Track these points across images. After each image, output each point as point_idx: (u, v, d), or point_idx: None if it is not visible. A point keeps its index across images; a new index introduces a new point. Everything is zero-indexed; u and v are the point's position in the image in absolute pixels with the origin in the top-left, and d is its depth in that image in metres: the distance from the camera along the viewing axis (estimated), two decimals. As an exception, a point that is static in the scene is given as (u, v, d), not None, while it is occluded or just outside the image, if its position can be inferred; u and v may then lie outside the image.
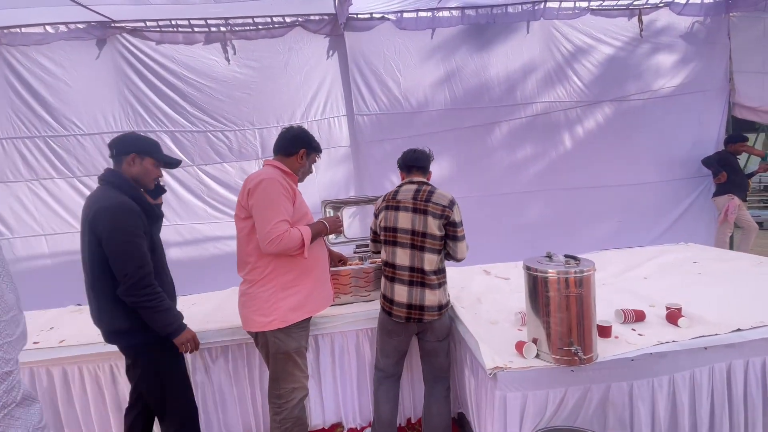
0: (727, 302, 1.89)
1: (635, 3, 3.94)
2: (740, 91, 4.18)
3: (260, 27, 3.55)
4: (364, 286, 2.26)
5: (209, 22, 3.49)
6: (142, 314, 1.55)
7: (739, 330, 1.58)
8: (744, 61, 4.14)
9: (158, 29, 3.45)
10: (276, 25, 3.57)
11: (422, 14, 3.68)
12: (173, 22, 3.45)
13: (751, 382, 1.56)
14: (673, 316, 1.72)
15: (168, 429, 1.71)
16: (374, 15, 3.65)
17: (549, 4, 3.77)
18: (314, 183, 3.66)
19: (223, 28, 3.51)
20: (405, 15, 3.66)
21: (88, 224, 1.53)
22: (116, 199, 1.55)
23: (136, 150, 1.67)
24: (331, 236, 2.56)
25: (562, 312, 1.43)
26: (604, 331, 1.62)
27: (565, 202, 4.06)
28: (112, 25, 3.39)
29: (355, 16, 3.62)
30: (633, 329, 1.70)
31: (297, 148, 1.79)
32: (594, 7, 3.91)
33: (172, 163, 1.83)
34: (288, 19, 3.57)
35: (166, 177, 3.37)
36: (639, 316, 1.77)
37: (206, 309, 2.31)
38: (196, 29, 3.49)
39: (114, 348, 1.93)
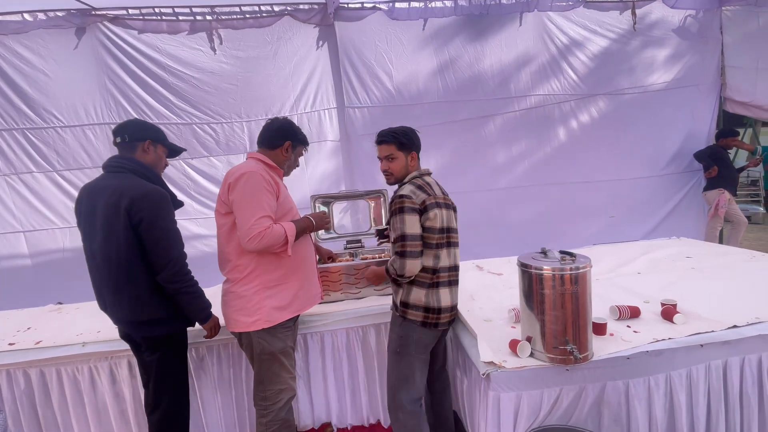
0: (722, 298, 1.88)
1: (629, -5, 3.90)
2: (732, 86, 4.18)
3: (248, 16, 3.44)
4: (354, 283, 2.20)
5: (194, 10, 3.36)
6: (180, 300, 1.58)
7: (735, 327, 1.56)
8: (736, 55, 4.13)
9: (141, 17, 3.32)
10: (264, 14, 3.46)
11: (414, 4, 3.60)
12: (157, 10, 3.33)
13: (747, 380, 1.55)
14: (669, 312, 1.69)
15: (162, 418, 1.68)
16: (365, 4, 3.56)
17: (543, -5, 3.71)
18: (303, 177, 3.58)
19: (209, 17, 3.39)
20: (397, 5, 3.57)
21: (123, 213, 1.49)
22: (151, 187, 1.56)
23: (152, 137, 1.66)
24: (321, 232, 2.50)
25: (557, 310, 1.39)
26: (600, 329, 1.59)
27: (558, 196, 4.03)
28: (93, 13, 3.25)
29: (346, 5, 3.53)
30: (628, 326, 1.67)
31: (281, 140, 1.72)
32: (588, -1, 3.86)
33: (177, 151, 1.81)
34: (276, 8, 3.46)
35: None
36: (634, 313, 1.74)
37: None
38: (180, 18, 3.37)
39: (95, 349, 1.89)
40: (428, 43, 3.71)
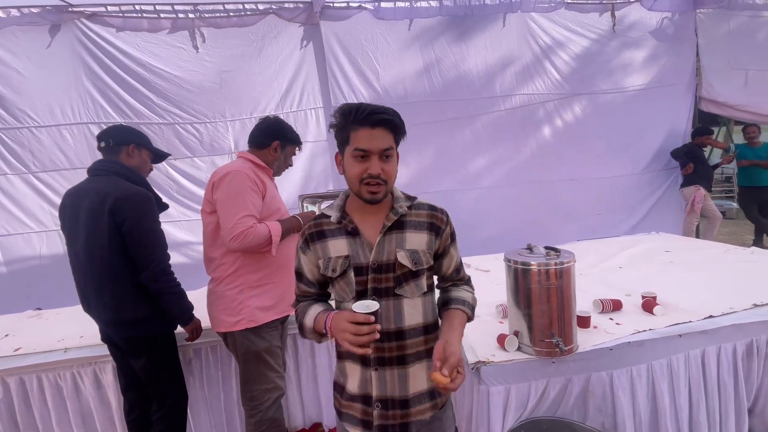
0: (699, 290, 1.95)
1: (609, -3, 4.01)
2: (706, 86, 4.34)
3: (231, 14, 3.40)
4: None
5: (176, 8, 3.30)
6: (163, 300, 1.59)
7: (711, 317, 1.63)
8: (710, 57, 4.28)
9: (120, 14, 3.25)
10: (248, 13, 3.42)
11: (400, 4, 3.62)
12: (137, 8, 3.25)
13: (723, 367, 1.61)
14: (649, 304, 1.75)
15: (165, 413, 1.70)
16: (351, 4, 3.56)
17: (526, -3, 3.78)
18: (291, 177, 3.56)
19: (191, 15, 3.33)
20: (383, 4, 3.59)
21: (107, 214, 1.50)
22: (135, 189, 1.58)
23: (136, 141, 1.67)
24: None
25: (543, 304, 1.42)
26: (584, 322, 1.63)
27: (544, 194, 4.11)
28: (69, 9, 3.16)
29: (331, 4, 3.52)
30: (611, 318, 1.72)
31: (270, 139, 1.70)
32: (569, 1, 3.95)
33: (162, 156, 1.82)
34: (261, 7, 3.43)
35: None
36: (616, 306, 1.80)
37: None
38: (162, 15, 3.30)
39: (77, 355, 1.84)
40: (414, 43, 3.73)
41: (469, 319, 1.11)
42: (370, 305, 0.93)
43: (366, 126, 0.96)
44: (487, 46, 3.85)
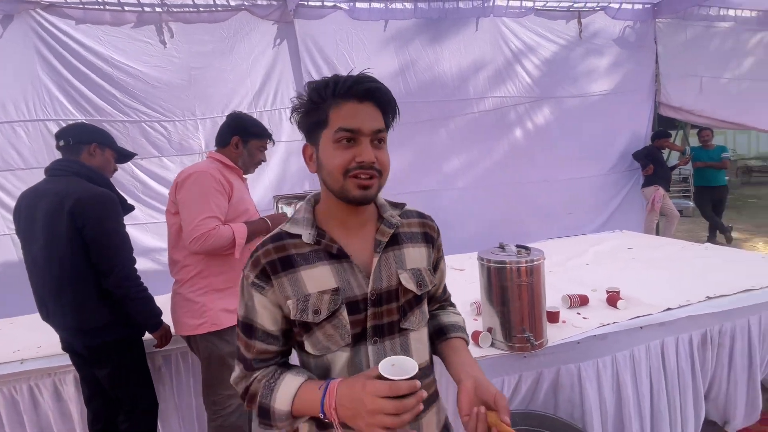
0: (658, 284, 2.06)
1: (575, 5, 4.17)
2: (665, 92, 4.59)
3: (201, 9, 3.29)
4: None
5: (142, 1, 3.17)
6: (129, 306, 1.52)
7: (669, 309, 1.73)
8: (668, 64, 4.54)
9: (81, 6, 3.08)
10: (219, 9, 3.33)
11: (375, 5, 3.63)
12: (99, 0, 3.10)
13: (681, 356, 1.71)
14: (613, 299, 1.83)
15: (134, 422, 1.63)
16: (326, 3, 3.54)
17: (497, 2, 3.87)
18: (265, 177, 3.49)
19: (158, 9, 3.21)
20: (358, 5, 3.58)
21: (66, 216, 1.41)
22: (97, 190, 1.50)
23: (98, 140, 1.59)
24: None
25: (515, 300, 1.46)
26: (553, 317, 1.69)
27: (517, 195, 4.22)
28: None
29: (306, 3, 3.48)
30: (578, 313, 1.79)
31: (229, 136, 1.67)
32: (539, 7, 4.08)
33: (128, 156, 1.74)
34: (233, 3, 3.34)
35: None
36: (583, 301, 1.87)
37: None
38: (126, 8, 3.16)
39: (35, 366, 1.73)
40: (389, 45, 3.75)
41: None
42: (404, 364, 0.66)
43: (351, 99, 0.74)
44: (460, 49, 3.91)
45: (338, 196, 0.76)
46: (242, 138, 1.67)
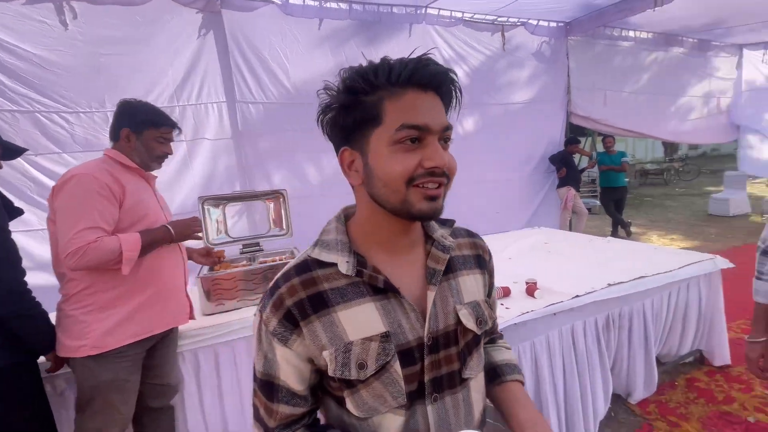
0: (569, 274, 2.29)
1: (499, 19, 4.49)
2: (575, 103, 5.14)
3: (112, -10, 2.97)
4: (253, 289, 2.09)
5: (36, -26, 2.77)
6: (16, 325, 1.31)
7: (577, 296, 1.93)
8: (578, 78, 5.08)
9: (-47, -27, 2.61)
10: (133, -9, 3.03)
11: (309, 2, 3.57)
12: (-21, -32, 2.65)
13: (588, 338, 1.93)
14: (531, 289, 2.01)
15: None
16: (256, -5, 3.40)
17: (429, 10, 4.03)
18: (189, 178, 3.25)
19: (57, -15, 2.83)
20: (291, 1, 3.50)
21: None
22: None
23: None
24: (212, 236, 2.30)
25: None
26: (480, 309, 1.80)
27: (453, 196, 4.39)
28: None
29: (234, -7, 3.31)
30: (501, 304, 1.92)
31: (117, 129, 1.49)
32: (467, 18, 4.32)
33: (16, 152, 1.48)
34: (149, -14, 3.06)
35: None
36: (506, 292, 2.02)
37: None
38: (15, -19, 2.74)
39: None
40: (324, 43, 3.71)
41: None
42: None
43: (413, 87, 0.61)
44: (395, 54, 3.91)
45: (397, 211, 0.60)
46: (133, 130, 1.47)
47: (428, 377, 0.63)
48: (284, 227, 2.46)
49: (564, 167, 5.08)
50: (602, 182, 6.46)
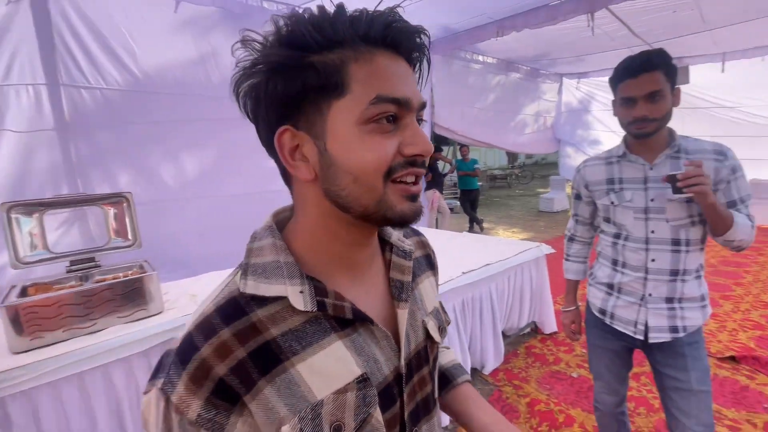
0: (434, 267, 2.56)
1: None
2: (438, 115, 5.75)
3: None
4: (86, 314, 1.71)
5: None
6: None
7: (438, 285, 2.17)
8: (440, 93, 5.69)
9: None
10: None
11: (159, -22, 3.16)
12: None
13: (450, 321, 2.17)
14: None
15: None
16: (91, -39, 2.84)
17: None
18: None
19: None
20: (137, -25, 3.03)
21: None
22: None
23: None
24: (24, 253, 1.82)
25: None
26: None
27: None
28: None
29: (57, -46, 2.71)
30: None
31: None
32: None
33: None
34: None
35: None
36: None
37: None
38: None
39: None
40: (185, 29, 3.32)
41: None
42: None
43: (386, 50, 0.46)
44: None
45: (368, 215, 0.45)
46: None
47: (407, 411, 0.51)
48: (130, 237, 2.09)
49: (430, 172, 5.65)
50: (460, 185, 7.43)
